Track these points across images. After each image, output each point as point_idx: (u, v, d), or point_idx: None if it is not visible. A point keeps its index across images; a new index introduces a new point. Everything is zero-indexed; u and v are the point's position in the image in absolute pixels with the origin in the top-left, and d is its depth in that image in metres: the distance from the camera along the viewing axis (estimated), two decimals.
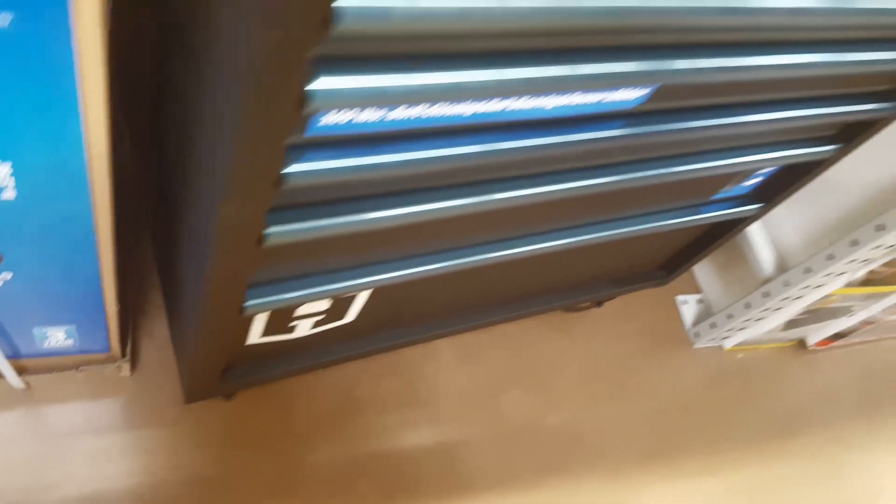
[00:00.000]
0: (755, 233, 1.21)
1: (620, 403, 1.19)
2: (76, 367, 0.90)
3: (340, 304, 0.79)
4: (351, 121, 0.49)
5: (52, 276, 0.70)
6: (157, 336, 1.00)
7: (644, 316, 1.32)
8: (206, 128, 0.51)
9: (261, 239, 0.55)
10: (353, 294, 0.77)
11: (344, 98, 0.43)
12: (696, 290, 1.40)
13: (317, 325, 0.82)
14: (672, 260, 1.14)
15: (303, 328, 0.82)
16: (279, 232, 0.55)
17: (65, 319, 0.79)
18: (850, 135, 0.85)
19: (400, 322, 0.97)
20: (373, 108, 0.49)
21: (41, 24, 0.43)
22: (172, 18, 0.63)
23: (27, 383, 0.90)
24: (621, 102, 0.61)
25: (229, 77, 0.40)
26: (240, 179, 0.46)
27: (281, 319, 0.77)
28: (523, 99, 0.55)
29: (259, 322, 0.75)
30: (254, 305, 0.66)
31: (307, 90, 0.41)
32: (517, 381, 1.16)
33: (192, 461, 0.94)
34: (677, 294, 1.37)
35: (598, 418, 1.17)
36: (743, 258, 1.23)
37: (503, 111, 0.56)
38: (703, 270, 1.40)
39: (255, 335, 0.78)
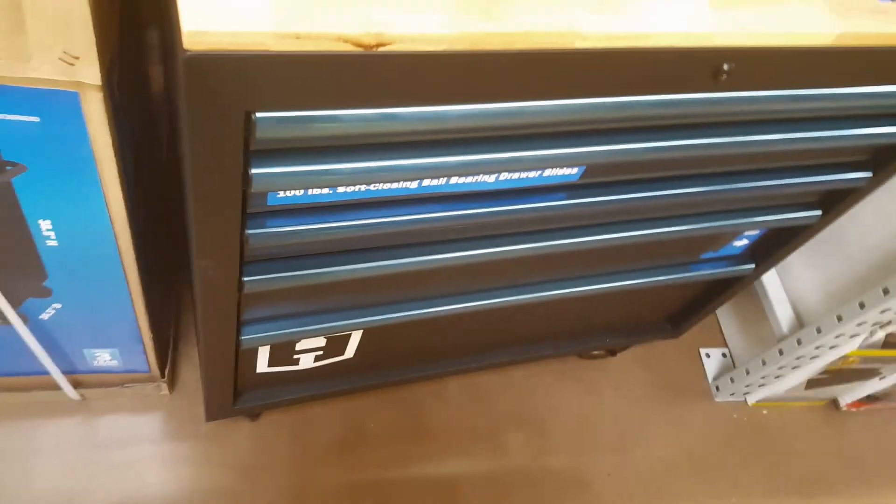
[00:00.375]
0: (775, 289, 1.22)
1: (627, 452, 1.22)
2: (122, 384, 1.04)
3: (336, 342, 0.89)
4: (306, 193, 0.59)
5: (92, 308, 0.84)
6: (195, 361, 1.13)
7: (665, 367, 1.35)
8: (186, 197, 0.62)
9: (241, 286, 0.66)
10: (344, 333, 0.87)
11: (280, 181, 0.53)
12: (723, 343, 1.40)
13: (318, 359, 0.92)
14: (678, 314, 1.17)
15: (306, 361, 0.92)
16: (256, 280, 0.66)
17: (108, 343, 0.93)
18: (831, 202, 0.87)
19: (405, 359, 1.06)
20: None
21: (61, 121, 0.56)
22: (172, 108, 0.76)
23: (83, 395, 1.05)
24: (564, 176, 0.68)
25: (187, 161, 0.51)
26: (204, 241, 0.57)
27: (283, 352, 0.87)
28: (461, 176, 0.63)
29: (263, 353, 0.86)
30: (249, 339, 0.77)
31: (251, 173, 0.51)
32: (523, 423, 1.21)
33: (217, 474, 1.06)
34: (702, 347, 1.39)
35: (601, 465, 1.20)
36: (763, 314, 1.24)
37: (447, 184, 0.64)
38: (728, 324, 1.41)
39: (263, 365, 0.89)
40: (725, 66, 0.56)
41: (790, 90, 0.61)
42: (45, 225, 0.69)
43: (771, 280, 1.23)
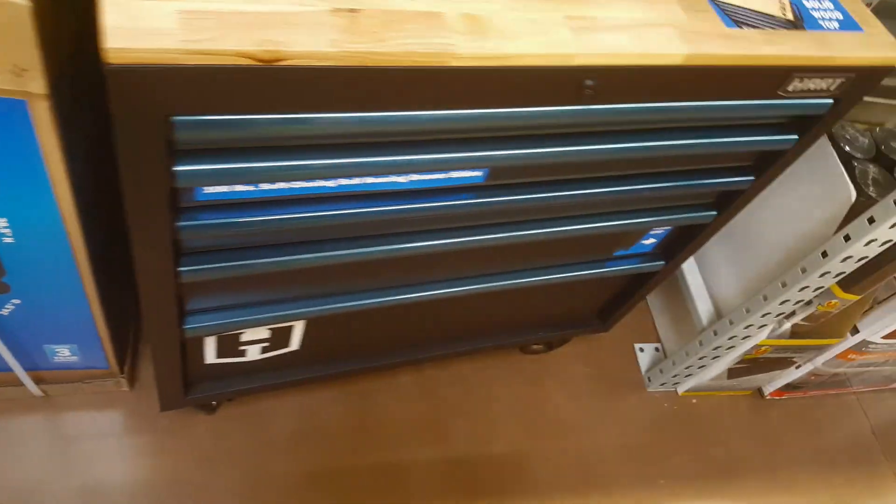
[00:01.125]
0: (696, 285, 1.32)
1: (564, 440, 1.31)
2: (82, 380, 1.11)
3: (280, 333, 0.97)
4: (232, 189, 0.68)
5: (50, 304, 0.91)
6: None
7: (602, 362, 1.44)
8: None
9: (177, 275, 0.74)
10: (286, 324, 0.95)
11: (201, 177, 0.61)
12: (657, 339, 1.50)
13: (264, 350, 1.00)
14: (604, 309, 1.26)
15: (253, 353, 1.00)
16: (192, 271, 0.74)
17: (67, 339, 1.00)
18: (724, 203, 0.97)
19: (352, 350, 1.14)
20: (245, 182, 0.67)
21: (11, 127, 0.64)
22: None
23: (45, 392, 1.11)
24: (470, 178, 0.78)
25: (119, 159, 0.59)
26: (140, 232, 0.65)
27: (229, 344, 0.95)
28: (375, 176, 0.72)
29: (210, 344, 0.94)
30: (192, 329, 0.85)
31: (175, 170, 0.60)
32: (467, 413, 1.29)
33: (176, 465, 1.13)
34: (636, 342, 1.48)
35: (540, 451, 1.28)
36: (688, 309, 1.34)
37: (362, 184, 0.73)
38: (660, 320, 1.51)
39: (211, 356, 0.97)
40: (588, 82, 0.65)
41: (650, 103, 0.70)
42: (1, 222, 0.77)
43: (693, 276, 1.33)
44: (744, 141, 0.82)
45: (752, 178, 0.92)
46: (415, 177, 0.74)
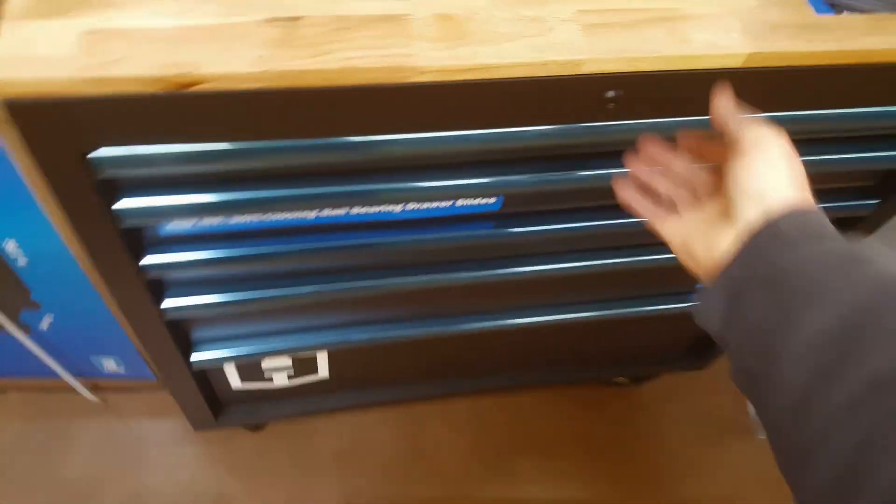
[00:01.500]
0: None
1: (653, 489, 1.14)
2: (135, 389, 1.11)
3: (305, 362, 0.90)
4: (198, 223, 0.60)
5: (82, 318, 0.90)
6: None
7: (701, 400, 1.25)
8: None
9: (161, 313, 0.68)
10: (305, 354, 0.87)
11: (147, 215, 0.54)
12: None
13: (291, 377, 0.93)
14: (698, 342, 1.08)
15: (280, 379, 0.93)
16: (176, 308, 0.68)
17: (109, 351, 0.99)
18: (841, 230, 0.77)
19: (397, 379, 1.05)
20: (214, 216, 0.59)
21: None
22: None
23: (104, 399, 1.12)
24: (484, 206, 0.65)
25: (59, 201, 0.53)
26: (104, 272, 0.59)
27: (252, 370, 0.89)
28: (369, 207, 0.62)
29: (231, 370, 0.88)
30: (201, 361, 0.79)
31: (114, 209, 0.53)
32: (535, 449, 1.16)
33: (220, 479, 1.10)
34: None
35: (621, 500, 1.13)
36: None
37: (346, 215, 0.63)
38: None
39: (235, 381, 0.91)
40: (610, 93, 0.51)
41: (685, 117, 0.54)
42: (10, 245, 0.75)
43: None
44: (856, 158, 0.63)
45: (876, 200, 0.72)
46: (413, 206, 0.63)
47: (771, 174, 0.39)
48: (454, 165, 0.59)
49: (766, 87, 0.53)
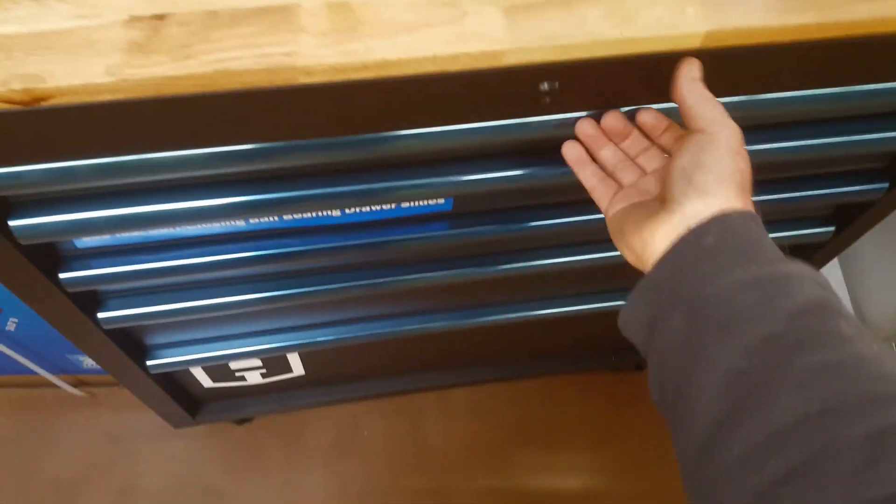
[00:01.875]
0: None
1: (649, 479, 1.08)
2: (119, 384, 1.09)
3: (276, 362, 0.86)
4: (114, 236, 0.56)
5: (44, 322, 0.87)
6: None
7: None
8: None
9: (97, 322, 0.64)
10: (271, 355, 0.83)
11: (44, 232, 0.49)
12: None
13: (265, 376, 0.89)
14: None
15: (253, 378, 0.89)
16: (112, 318, 0.64)
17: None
18: (846, 217, 0.69)
19: (388, 371, 1.00)
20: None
21: None
22: None
23: (90, 393, 1.11)
24: (434, 206, 0.59)
25: None
26: (24, 287, 0.55)
27: (221, 371, 0.85)
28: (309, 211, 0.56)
29: (198, 372, 0.85)
30: (156, 366, 0.76)
31: (10, 226, 0.48)
32: (531, 439, 1.11)
33: (208, 473, 1.08)
34: None
35: (618, 491, 1.07)
36: None
37: (282, 220, 0.57)
38: None
39: (206, 381, 0.88)
40: (545, 86, 0.43)
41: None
42: None
43: (833, 284, 1.02)
44: (856, 140, 0.54)
45: (884, 184, 0.64)
46: (351, 210, 0.57)
47: (714, 166, 0.37)
48: (398, 166, 0.53)
49: (731, 71, 0.45)
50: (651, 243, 0.38)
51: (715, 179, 0.37)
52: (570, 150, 0.47)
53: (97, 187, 0.48)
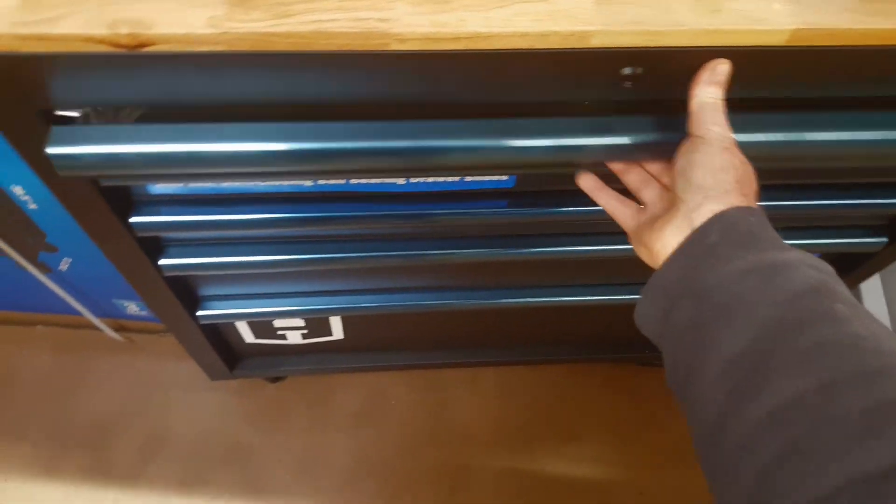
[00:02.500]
0: (873, 306, 1.01)
1: (670, 472, 1.09)
2: (160, 332, 1.12)
3: (318, 323, 0.88)
4: (184, 185, 0.57)
5: (98, 264, 0.90)
6: None
7: None
8: None
9: (158, 269, 0.66)
10: (319, 316, 0.85)
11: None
12: None
13: (305, 336, 0.91)
14: None
15: (294, 337, 0.92)
16: (173, 265, 0.66)
17: (130, 296, 1.00)
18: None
19: (422, 344, 1.02)
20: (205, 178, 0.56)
21: None
22: None
23: (129, 339, 1.14)
24: (498, 182, 0.60)
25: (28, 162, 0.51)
26: (92, 229, 0.57)
27: (265, 328, 0.88)
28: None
29: (243, 327, 0.87)
30: (206, 317, 0.78)
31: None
32: (556, 425, 1.13)
33: (237, 428, 1.11)
34: None
35: (637, 483, 1.09)
36: None
37: (348, 184, 0.59)
38: None
39: (249, 337, 0.90)
40: (627, 71, 0.44)
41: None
42: (18, 190, 0.74)
43: (873, 296, 1.02)
44: None
45: None
46: (416, 179, 0.59)
47: (707, 162, 0.40)
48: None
49: (814, 71, 0.45)
50: (661, 240, 0.41)
51: (709, 174, 0.40)
52: (585, 180, 0.52)
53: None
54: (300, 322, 0.87)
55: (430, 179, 0.59)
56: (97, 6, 0.40)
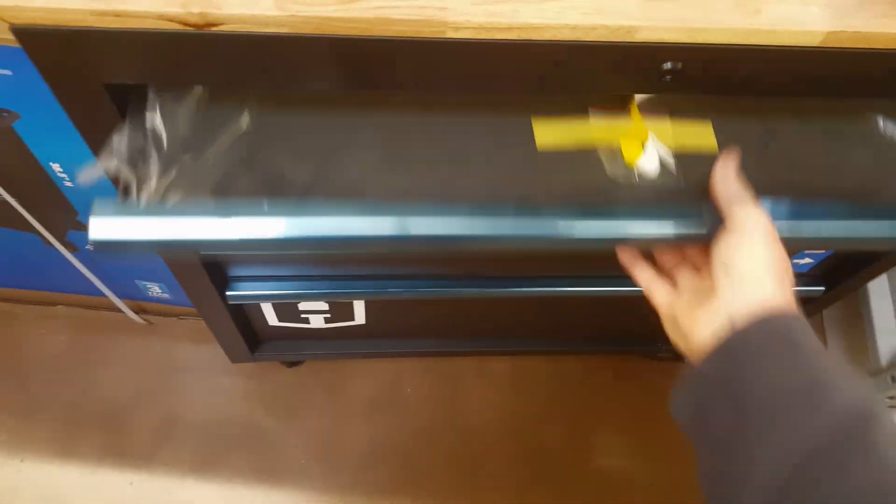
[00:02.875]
0: (881, 311, 1.03)
1: (677, 465, 1.11)
2: (179, 315, 1.14)
3: (342, 308, 0.90)
4: None
5: None
6: None
7: None
8: None
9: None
10: (341, 300, 0.87)
11: None
12: None
13: (328, 321, 0.93)
14: None
15: (317, 321, 0.94)
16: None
17: (154, 277, 1.02)
18: None
19: (438, 331, 1.04)
20: None
21: (30, 74, 0.60)
22: None
23: (148, 321, 1.16)
24: None
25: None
26: None
27: (289, 310, 0.90)
28: None
29: (268, 309, 0.89)
30: (234, 297, 0.80)
31: None
32: (565, 416, 1.15)
33: (252, 412, 1.13)
34: None
35: (644, 475, 1.11)
36: (865, 343, 1.06)
37: None
38: (834, 346, 1.21)
39: (273, 319, 0.92)
40: (667, 65, 0.46)
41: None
42: (56, 167, 0.76)
43: (880, 300, 1.04)
44: None
45: None
46: None
47: (750, 258, 0.41)
48: None
49: (845, 72, 0.47)
50: (698, 329, 0.42)
51: (750, 270, 0.41)
52: (625, 256, 0.53)
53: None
54: (324, 305, 0.89)
55: None
56: None
